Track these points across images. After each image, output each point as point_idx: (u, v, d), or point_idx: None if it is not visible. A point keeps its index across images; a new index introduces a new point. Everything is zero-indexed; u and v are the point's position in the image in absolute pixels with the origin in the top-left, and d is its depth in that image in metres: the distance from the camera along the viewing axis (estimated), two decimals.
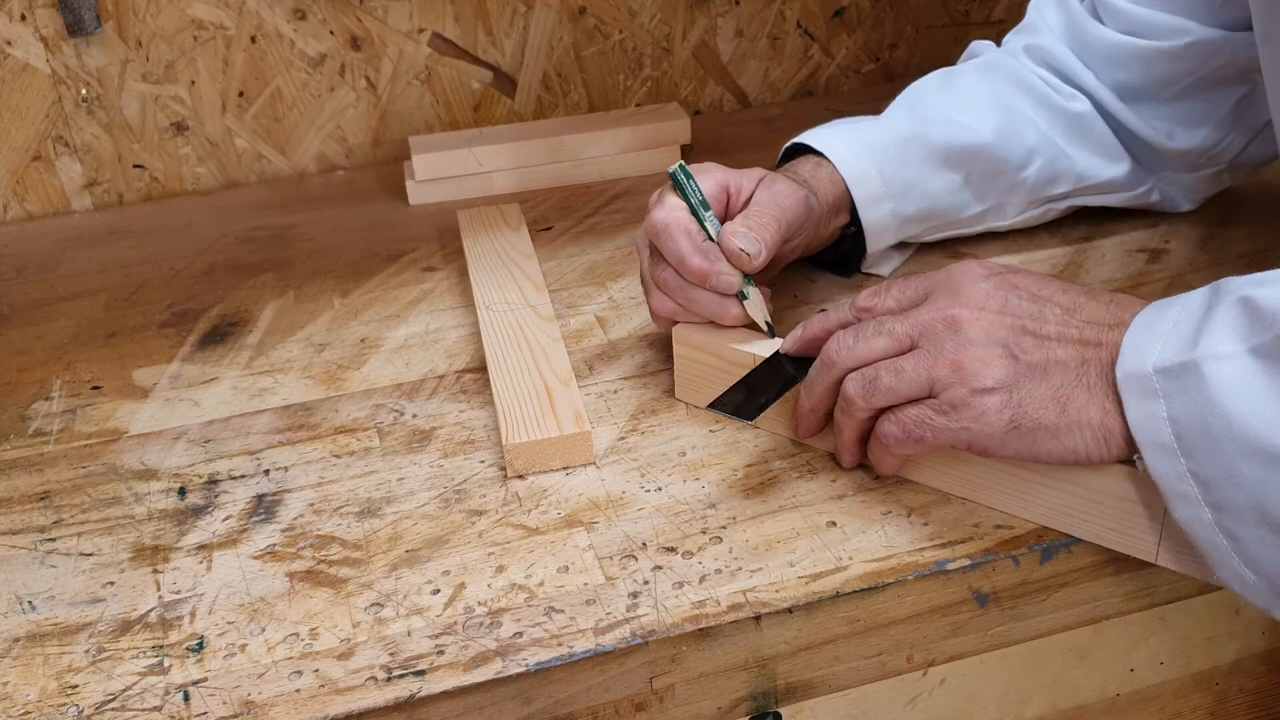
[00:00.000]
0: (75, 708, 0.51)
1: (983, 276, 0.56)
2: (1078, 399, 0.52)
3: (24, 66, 0.92)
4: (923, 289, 0.58)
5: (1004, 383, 0.53)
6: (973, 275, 0.57)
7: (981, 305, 0.55)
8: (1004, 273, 0.57)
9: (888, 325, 0.57)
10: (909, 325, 0.56)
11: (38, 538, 0.61)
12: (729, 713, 0.56)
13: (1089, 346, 0.53)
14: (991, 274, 0.57)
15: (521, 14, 1.01)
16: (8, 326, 0.82)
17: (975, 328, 0.54)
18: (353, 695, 0.50)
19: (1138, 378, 0.50)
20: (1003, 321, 0.54)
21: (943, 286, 0.57)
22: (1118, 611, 0.60)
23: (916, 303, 0.58)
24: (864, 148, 0.75)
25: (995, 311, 0.55)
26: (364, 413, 0.69)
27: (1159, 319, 0.51)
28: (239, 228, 0.93)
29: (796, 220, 0.68)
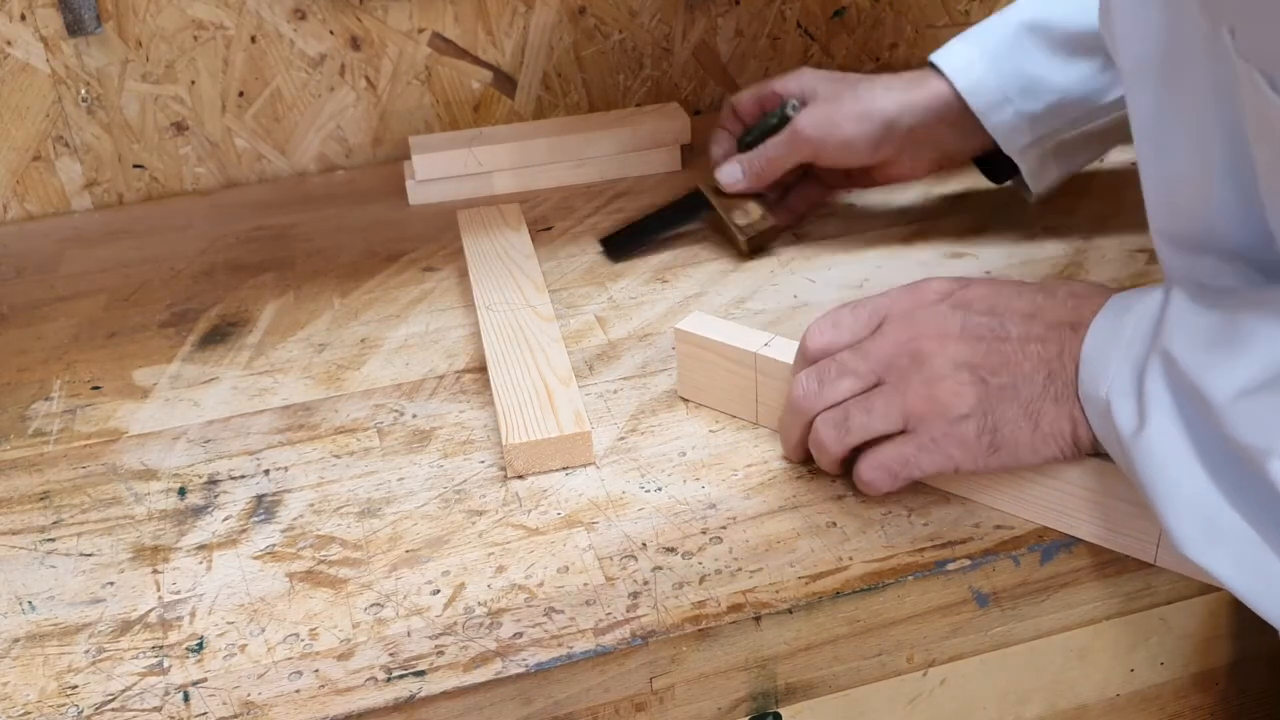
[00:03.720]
0: (75, 708, 0.51)
1: (936, 300, 0.56)
2: (1048, 413, 0.53)
3: (24, 66, 0.92)
4: (875, 316, 0.58)
5: (976, 409, 0.53)
6: (926, 299, 0.56)
7: (942, 331, 0.55)
8: (956, 290, 0.56)
9: (850, 364, 0.56)
10: (872, 362, 0.56)
11: (37, 538, 0.61)
12: (729, 713, 0.56)
13: (1052, 358, 0.53)
14: (944, 296, 0.56)
15: (521, 14, 1.01)
16: (8, 326, 0.82)
17: (940, 358, 0.54)
18: (353, 695, 0.50)
19: (1095, 402, 0.51)
20: (965, 346, 0.54)
21: (896, 314, 0.57)
22: (1118, 612, 0.60)
23: (870, 330, 0.58)
24: (979, 49, 0.74)
25: (956, 337, 0.54)
26: (364, 413, 0.69)
27: (1116, 329, 0.51)
28: (239, 228, 0.93)
29: (841, 145, 0.77)
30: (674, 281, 0.81)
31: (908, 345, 0.55)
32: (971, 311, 0.55)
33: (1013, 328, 0.54)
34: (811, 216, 0.88)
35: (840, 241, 0.84)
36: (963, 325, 0.54)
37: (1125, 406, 0.49)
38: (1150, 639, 0.63)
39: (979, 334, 0.54)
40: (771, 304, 0.77)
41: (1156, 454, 0.48)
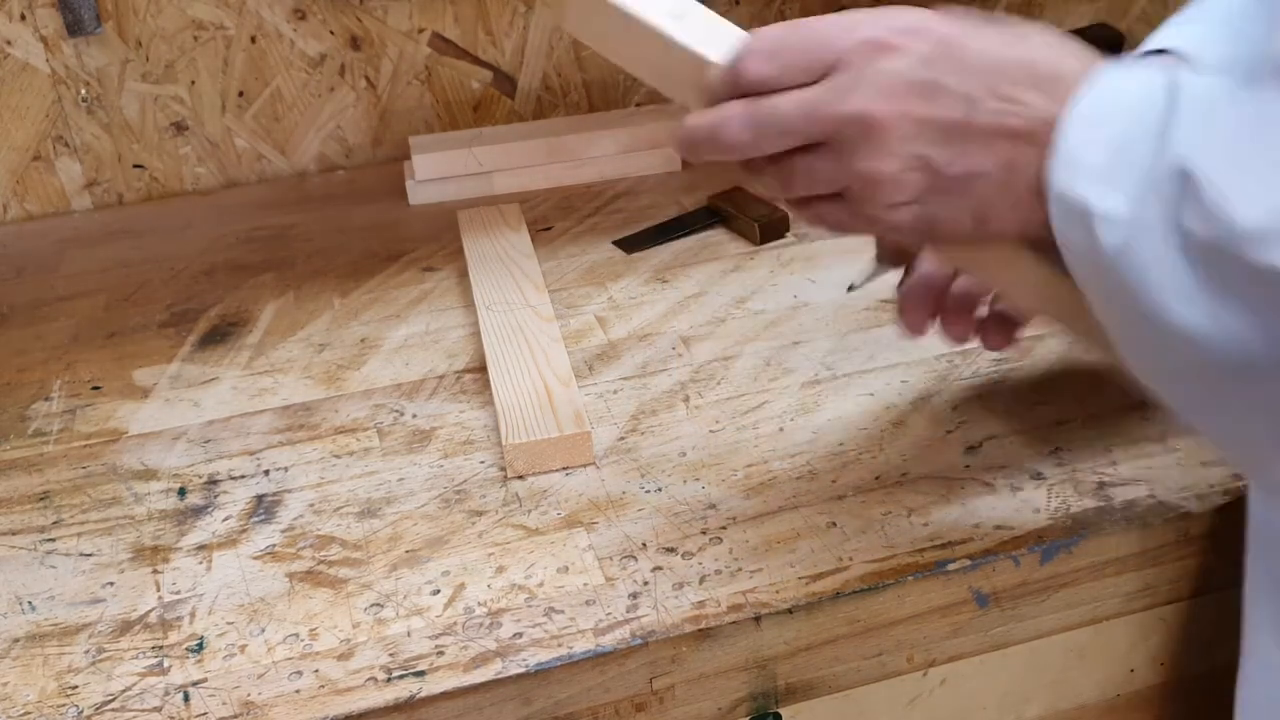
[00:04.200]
0: (75, 708, 0.51)
1: (903, 48, 0.46)
2: (999, 214, 0.47)
3: (24, 66, 0.92)
4: (825, 56, 0.48)
5: (919, 198, 0.47)
6: (891, 45, 0.47)
7: (902, 106, 0.46)
8: (930, 37, 0.47)
9: (792, 122, 0.48)
10: (818, 125, 0.47)
11: (37, 538, 0.61)
12: (729, 713, 0.56)
13: (1019, 143, 0.46)
14: (913, 41, 0.47)
15: (521, 14, 1.01)
16: (8, 326, 0.82)
17: (893, 137, 0.46)
18: (353, 696, 0.50)
19: (1071, 205, 0.44)
20: (924, 130, 0.46)
21: (852, 63, 0.47)
22: (1118, 612, 0.60)
23: (816, 76, 0.48)
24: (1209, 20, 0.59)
25: (916, 116, 0.46)
26: (364, 413, 0.69)
27: (1103, 123, 0.44)
28: (239, 228, 0.93)
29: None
30: (674, 281, 0.81)
31: (859, 116, 0.46)
32: (943, 77, 0.46)
33: (984, 110, 0.46)
34: None
35: (840, 241, 0.84)
36: (929, 100, 0.46)
37: (1112, 216, 0.42)
38: (1150, 639, 0.63)
39: (944, 115, 0.46)
40: (771, 304, 0.77)
41: (1147, 282, 0.42)
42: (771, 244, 0.85)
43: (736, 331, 0.75)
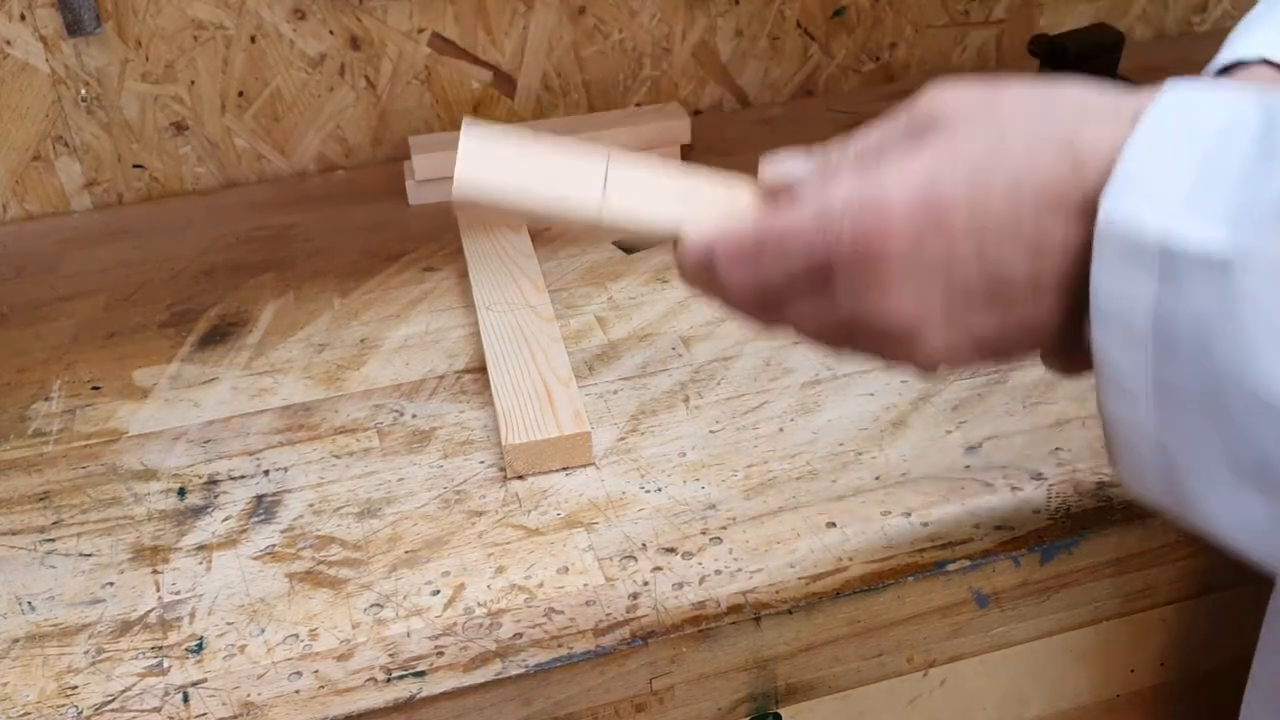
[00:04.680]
0: (74, 709, 0.51)
1: (904, 233, 0.38)
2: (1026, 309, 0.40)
3: (23, 66, 0.92)
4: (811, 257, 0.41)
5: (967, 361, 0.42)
6: (890, 233, 0.38)
7: (922, 307, 0.39)
8: (928, 204, 0.38)
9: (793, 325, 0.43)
10: (823, 334, 0.42)
11: (37, 538, 0.61)
12: (729, 714, 0.56)
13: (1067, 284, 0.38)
14: (913, 218, 0.38)
15: (521, 14, 1.01)
16: (8, 326, 0.82)
17: (925, 330, 0.40)
18: (352, 696, 0.50)
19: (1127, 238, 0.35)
20: (957, 318, 0.40)
21: (850, 262, 0.40)
22: (1118, 612, 0.60)
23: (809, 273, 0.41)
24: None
25: (941, 306, 0.39)
26: (364, 413, 0.69)
27: (1178, 151, 0.35)
28: (239, 228, 0.93)
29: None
30: (674, 281, 0.81)
31: (877, 325, 0.40)
32: (956, 245, 0.38)
33: (1019, 265, 0.38)
34: None
35: None
36: (947, 282, 0.39)
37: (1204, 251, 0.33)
38: (1150, 639, 0.63)
39: (974, 293, 0.39)
40: None
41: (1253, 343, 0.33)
42: None
43: (736, 331, 0.75)
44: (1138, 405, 0.37)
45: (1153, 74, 1.06)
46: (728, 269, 0.42)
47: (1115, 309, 0.36)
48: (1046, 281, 0.38)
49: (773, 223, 0.41)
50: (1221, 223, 0.33)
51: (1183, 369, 0.35)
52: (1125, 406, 0.37)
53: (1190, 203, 0.33)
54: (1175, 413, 0.36)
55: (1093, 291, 0.36)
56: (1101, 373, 0.37)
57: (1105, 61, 1.00)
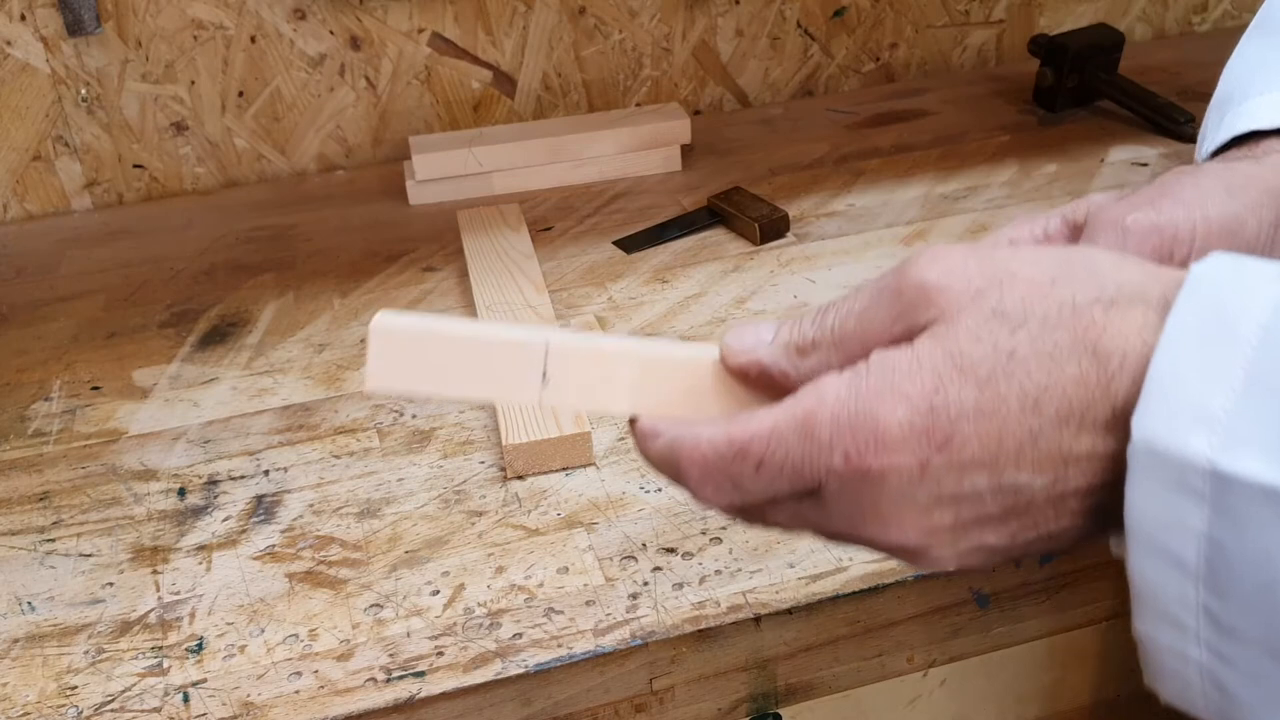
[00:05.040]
0: (74, 709, 0.51)
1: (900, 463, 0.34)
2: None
3: (24, 66, 0.92)
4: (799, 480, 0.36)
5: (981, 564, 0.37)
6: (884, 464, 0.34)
7: (927, 537, 0.36)
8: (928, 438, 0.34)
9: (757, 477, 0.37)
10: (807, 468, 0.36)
11: (37, 538, 0.61)
12: (729, 714, 0.56)
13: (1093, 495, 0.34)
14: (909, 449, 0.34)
15: (521, 14, 1.01)
16: (8, 326, 0.82)
17: (906, 518, 0.35)
18: (352, 696, 0.50)
19: (1169, 459, 0.30)
20: (948, 513, 0.35)
21: (844, 487, 0.35)
22: (1118, 612, 0.60)
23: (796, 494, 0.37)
24: None
25: (950, 532, 0.35)
26: (364, 413, 0.69)
27: (1220, 342, 0.30)
28: (239, 228, 0.93)
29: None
30: (674, 281, 0.81)
31: (877, 546, 0.37)
32: (965, 478, 0.34)
33: (1039, 485, 0.34)
34: (811, 216, 0.88)
35: (840, 241, 0.84)
36: (956, 510, 0.35)
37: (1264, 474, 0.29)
38: None
39: (988, 515, 0.35)
40: (771, 304, 0.77)
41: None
42: (771, 244, 0.85)
43: None
44: (1186, 637, 0.33)
45: (1153, 74, 1.06)
46: (699, 485, 0.38)
47: (1157, 536, 0.32)
48: (1071, 497, 0.34)
49: (748, 435, 0.36)
50: (1271, 452, 0.29)
51: (1245, 609, 0.31)
52: (1170, 635, 0.34)
53: (1241, 424, 0.29)
54: (1235, 652, 0.32)
55: (1127, 514, 0.32)
56: (1140, 597, 0.34)
57: (1105, 61, 1.00)
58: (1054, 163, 0.93)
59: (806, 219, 0.88)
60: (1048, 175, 0.92)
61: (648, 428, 0.38)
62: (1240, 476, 0.29)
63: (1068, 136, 0.98)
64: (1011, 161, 0.94)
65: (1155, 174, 0.90)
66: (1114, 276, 0.33)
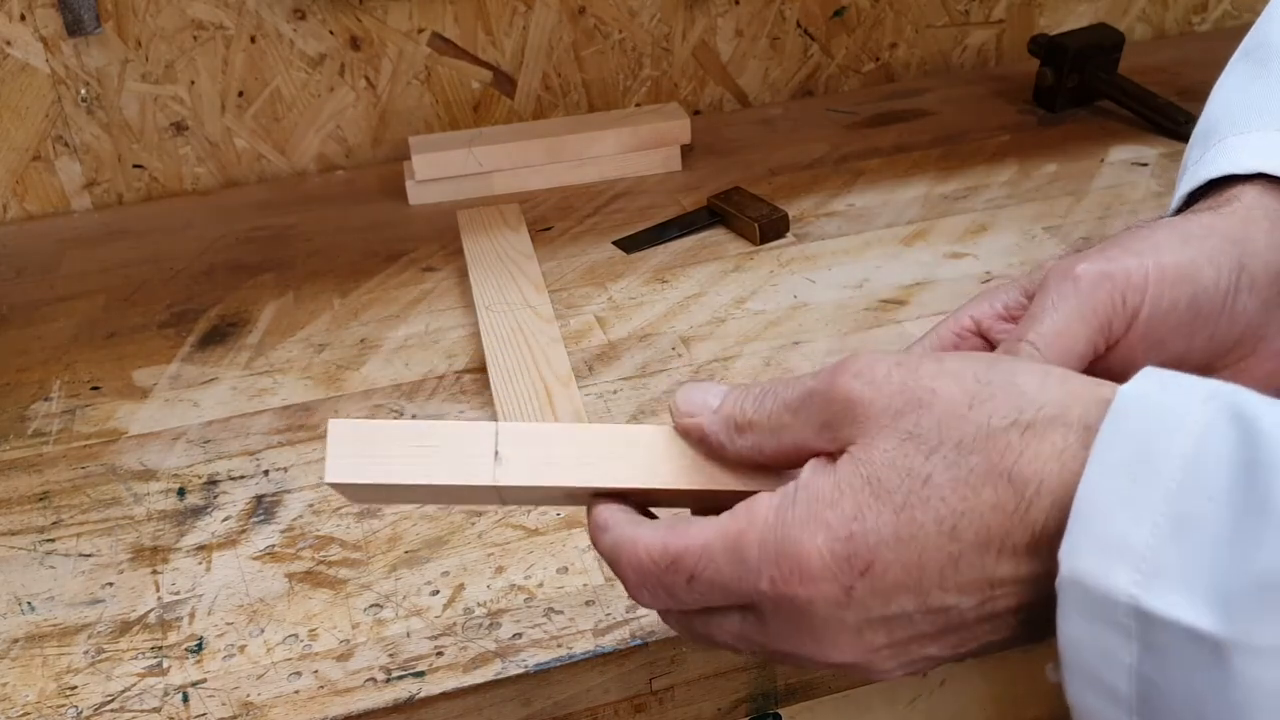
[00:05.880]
0: (74, 709, 0.51)
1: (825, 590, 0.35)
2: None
3: (23, 66, 0.92)
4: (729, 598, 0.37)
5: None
6: (811, 593, 0.35)
7: (862, 658, 0.36)
8: (848, 566, 0.34)
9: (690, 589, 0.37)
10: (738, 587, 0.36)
11: (37, 538, 0.61)
12: (729, 714, 0.56)
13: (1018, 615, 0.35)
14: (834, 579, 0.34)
15: (521, 14, 1.01)
16: (7, 326, 0.82)
17: (840, 639, 0.36)
18: (352, 696, 0.50)
19: (1094, 594, 0.30)
20: (881, 632, 0.35)
21: (775, 609, 0.36)
22: None
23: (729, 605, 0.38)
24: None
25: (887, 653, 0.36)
26: (364, 413, 0.69)
27: (1143, 474, 0.30)
28: (239, 228, 0.93)
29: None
30: (674, 281, 0.81)
31: (818, 665, 0.37)
32: (891, 601, 0.34)
33: (968, 605, 0.34)
34: (811, 216, 0.88)
35: (840, 241, 0.84)
36: (888, 629, 0.35)
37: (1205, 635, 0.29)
38: None
39: (923, 634, 0.35)
40: (771, 304, 0.77)
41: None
42: (771, 244, 0.85)
43: (736, 331, 0.75)
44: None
45: (1153, 74, 1.06)
46: (635, 589, 0.38)
47: (1091, 667, 0.32)
48: (1004, 615, 0.34)
49: (682, 547, 0.37)
50: (1206, 598, 0.28)
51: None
52: None
53: (1164, 565, 0.29)
54: None
55: (1061, 644, 0.32)
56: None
57: (1105, 61, 1.00)
58: (1054, 163, 0.93)
59: (806, 219, 0.88)
60: (1048, 175, 0.92)
61: (599, 520, 0.39)
62: (1163, 615, 0.29)
63: (1068, 136, 0.98)
64: (1011, 161, 0.94)
65: (1155, 174, 0.90)
66: (1034, 396, 0.33)
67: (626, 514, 0.39)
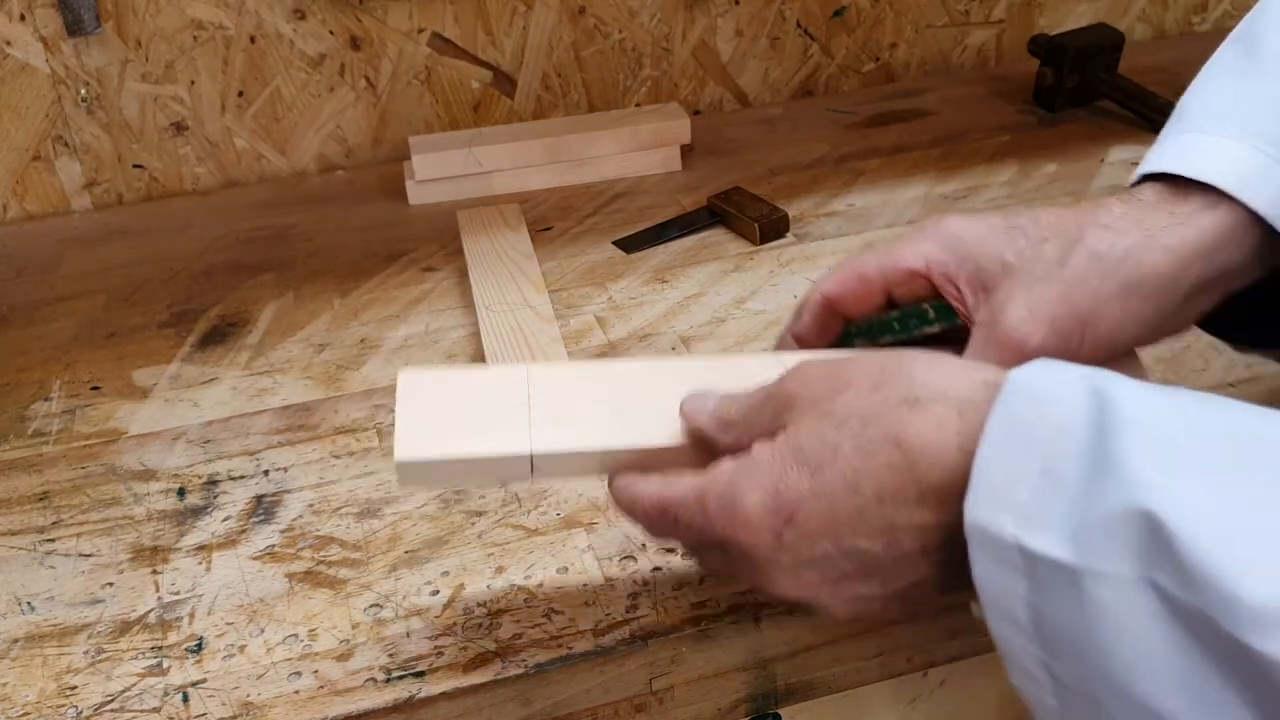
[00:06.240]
0: (74, 709, 0.51)
1: (762, 539, 0.42)
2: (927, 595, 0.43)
3: (23, 66, 0.92)
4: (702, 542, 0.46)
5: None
6: (753, 540, 0.43)
7: (798, 589, 0.43)
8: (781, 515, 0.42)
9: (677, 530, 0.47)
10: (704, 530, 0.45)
11: (37, 538, 0.61)
12: (729, 714, 0.56)
13: (922, 557, 0.41)
14: (769, 530, 0.42)
15: (521, 14, 1.01)
16: (8, 326, 0.82)
17: (780, 576, 0.43)
18: (352, 696, 0.50)
19: (993, 538, 0.37)
20: (814, 571, 0.43)
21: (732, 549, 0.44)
22: None
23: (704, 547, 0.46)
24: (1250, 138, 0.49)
25: (816, 586, 0.43)
26: (363, 413, 0.69)
27: (1024, 434, 0.37)
28: (239, 228, 0.93)
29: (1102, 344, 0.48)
30: (674, 281, 0.81)
31: (775, 598, 0.45)
32: (814, 545, 0.42)
33: (878, 549, 0.41)
34: (811, 216, 0.88)
35: (840, 241, 0.84)
36: (819, 569, 0.42)
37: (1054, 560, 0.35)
38: None
39: (847, 572, 0.42)
40: (771, 304, 0.77)
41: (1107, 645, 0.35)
42: (771, 244, 0.85)
43: (736, 331, 0.75)
44: (1042, 689, 0.38)
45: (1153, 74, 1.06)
46: (647, 530, 0.48)
47: (999, 601, 0.37)
48: (911, 556, 0.41)
49: (672, 498, 0.46)
50: (1067, 536, 0.35)
51: (1063, 661, 0.37)
52: (1031, 687, 0.39)
53: (1037, 513, 0.36)
54: (1068, 699, 0.37)
55: (976, 583, 0.38)
56: (1001, 654, 0.39)
57: (1105, 61, 1.00)
58: (1054, 163, 0.93)
59: (806, 219, 0.88)
60: (1047, 175, 0.92)
61: (619, 483, 0.48)
62: (1039, 553, 0.35)
63: (1067, 136, 0.98)
64: (1011, 161, 0.94)
65: None
66: (922, 380, 0.41)
67: (637, 474, 0.48)
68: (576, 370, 0.52)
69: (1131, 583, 0.34)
